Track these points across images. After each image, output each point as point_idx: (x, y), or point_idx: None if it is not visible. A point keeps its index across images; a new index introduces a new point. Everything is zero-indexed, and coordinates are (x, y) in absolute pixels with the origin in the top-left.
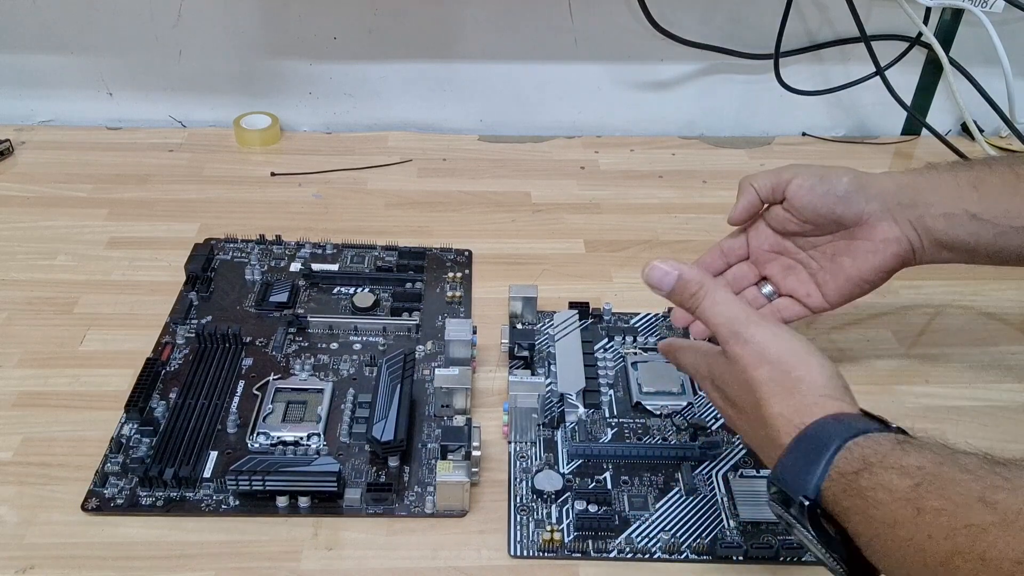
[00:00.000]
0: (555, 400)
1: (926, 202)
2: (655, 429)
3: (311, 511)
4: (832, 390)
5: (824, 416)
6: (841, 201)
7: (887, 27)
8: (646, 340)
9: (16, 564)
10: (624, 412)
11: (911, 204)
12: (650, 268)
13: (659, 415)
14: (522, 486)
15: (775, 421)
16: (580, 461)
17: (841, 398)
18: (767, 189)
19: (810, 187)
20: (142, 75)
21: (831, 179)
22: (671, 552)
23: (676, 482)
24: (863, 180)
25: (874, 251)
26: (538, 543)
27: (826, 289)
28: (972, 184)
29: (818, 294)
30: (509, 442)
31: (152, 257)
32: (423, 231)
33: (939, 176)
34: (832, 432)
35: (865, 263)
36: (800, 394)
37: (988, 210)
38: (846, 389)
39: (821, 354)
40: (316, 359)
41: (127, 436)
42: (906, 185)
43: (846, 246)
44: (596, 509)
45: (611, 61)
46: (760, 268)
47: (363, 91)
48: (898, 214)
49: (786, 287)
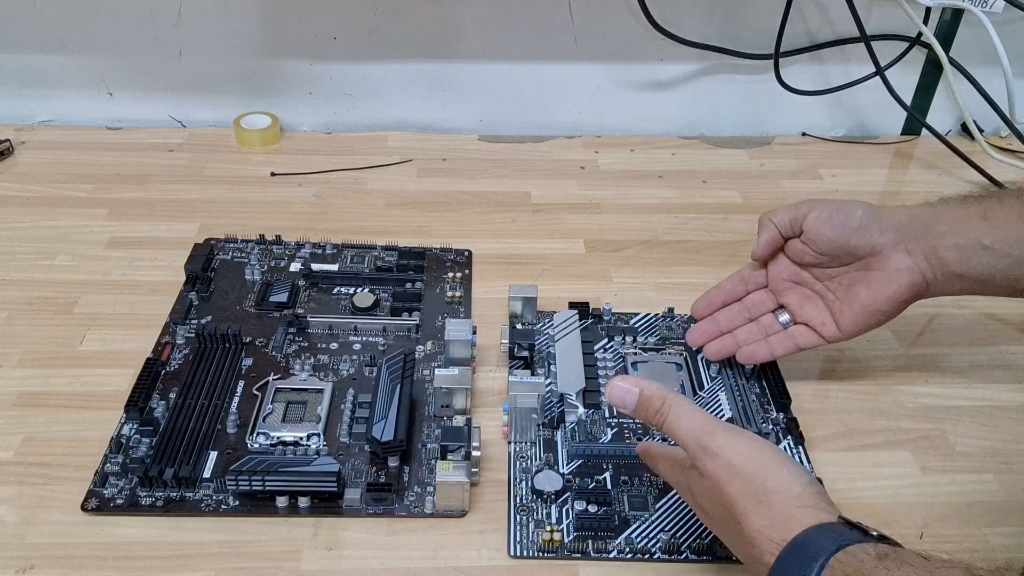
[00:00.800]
0: (555, 400)
1: (938, 232)
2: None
3: (311, 511)
4: (808, 498)
5: (804, 529)
6: (856, 232)
7: (887, 27)
8: (646, 340)
9: (16, 564)
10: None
11: (923, 235)
12: (611, 388)
13: None
14: (522, 486)
15: (756, 539)
16: (580, 461)
17: (817, 505)
18: (786, 224)
19: (826, 219)
20: (142, 75)
21: (846, 211)
22: (671, 552)
23: None
24: (877, 212)
25: (888, 281)
26: (538, 543)
27: (841, 319)
28: (982, 215)
29: (833, 324)
30: (509, 442)
31: (152, 257)
32: (423, 231)
33: (949, 207)
34: (813, 549)
35: (880, 293)
36: (776, 507)
37: (999, 240)
38: (821, 495)
39: (792, 460)
40: (316, 359)
41: (127, 436)
42: (918, 216)
43: (861, 276)
44: (596, 509)
45: (611, 61)
46: (778, 296)
47: (363, 91)
48: (911, 245)
49: (802, 315)
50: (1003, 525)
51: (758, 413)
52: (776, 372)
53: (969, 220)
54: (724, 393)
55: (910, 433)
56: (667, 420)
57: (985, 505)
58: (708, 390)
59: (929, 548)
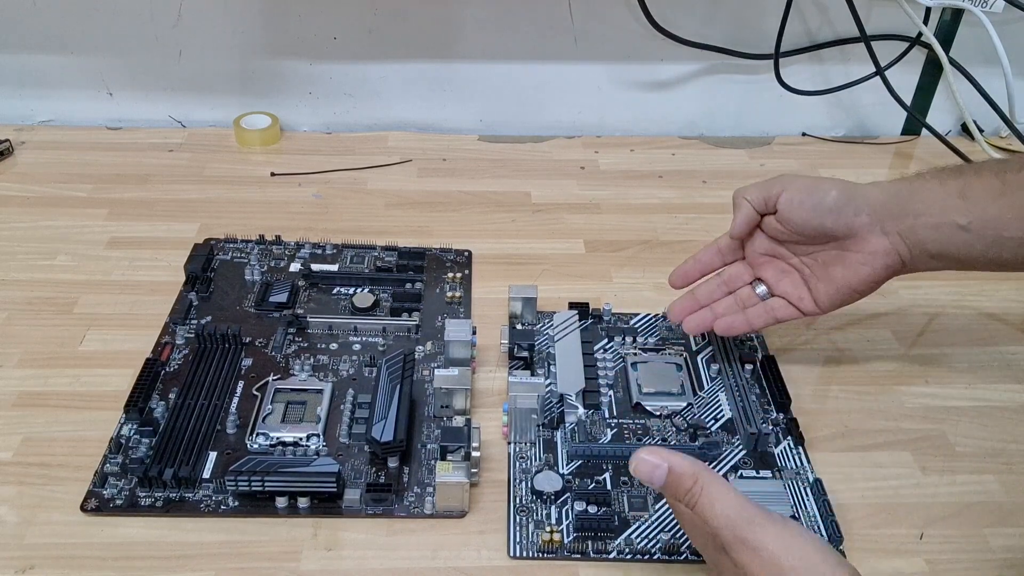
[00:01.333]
0: (555, 401)
1: (915, 212)
2: (655, 430)
3: (310, 512)
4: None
5: None
6: (830, 214)
7: (887, 27)
8: (646, 340)
9: (16, 564)
10: (624, 413)
11: (899, 215)
12: (637, 462)
13: (659, 416)
14: (522, 487)
15: None
16: (580, 462)
17: None
18: (759, 202)
19: (799, 202)
20: (142, 75)
21: (819, 193)
22: (671, 553)
23: None
24: (851, 192)
25: (864, 263)
26: (537, 544)
27: (818, 295)
28: (960, 192)
29: (810, 299)
30: (509, 443)
31: (152, 257)
32: (423, 231)
33: (926, 185)
34: None
35: (855, 274)
36: None
37: (976, 220)
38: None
39: (834, 551)
40: (316, 359)
41: (126, 436)
42: (894, 195)
43: (837, 256)
44: (596, 510)
45: (611, 61)
46: (755, 270)
47: (363, 91)
48: (887, 226)
49: (779, 289)
50: (1003, 525)
51: (758, 413)
52: (776, 372)
53: (947, 199)
54: (724, 393)
55: (910, 433)
56: (699, 503)
57: (985, 505)
58: (708, 390)
59: (929, 548)
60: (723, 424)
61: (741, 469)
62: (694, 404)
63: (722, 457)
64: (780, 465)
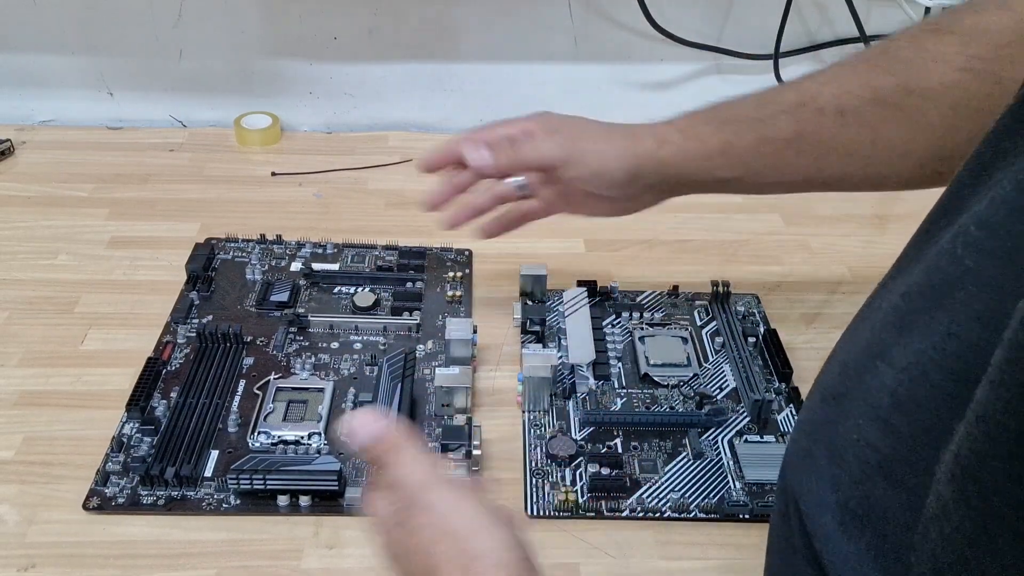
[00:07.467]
0: (566, 372)
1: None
2: (663, 399)
3: (312, 510)
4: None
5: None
6: (616, 188)
7: (887, 27)
8: (652, 316)
9: (18, 563)
10: (632, 383)
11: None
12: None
13: (666, 386)
14: (537, 451)
15: None
16: (592, 428)
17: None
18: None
19: (587, 179)
20: (142, 75)
21: (607, 173)
22: (680, 511)
23: (684, 447)
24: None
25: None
26: (554, 503)
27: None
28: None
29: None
30: (523, 411)
31: (153, 257)
32: (423, 231)
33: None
34: None
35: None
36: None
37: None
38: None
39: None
40: (317, 358)
41: (128, 435)
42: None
43: None
44: (608, 472)
45: (611, 61)
46: None
47: (363, 91)
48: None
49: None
50: None
51: (761, 383)
52: (778, 344)
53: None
54: (728, 365)
55: None
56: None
57: None
58: (712, 362)
59: None
60: (727, 393)
61: (746, 434)
62: (700, 375)
63: (727, 423)
64: (782, 431)
